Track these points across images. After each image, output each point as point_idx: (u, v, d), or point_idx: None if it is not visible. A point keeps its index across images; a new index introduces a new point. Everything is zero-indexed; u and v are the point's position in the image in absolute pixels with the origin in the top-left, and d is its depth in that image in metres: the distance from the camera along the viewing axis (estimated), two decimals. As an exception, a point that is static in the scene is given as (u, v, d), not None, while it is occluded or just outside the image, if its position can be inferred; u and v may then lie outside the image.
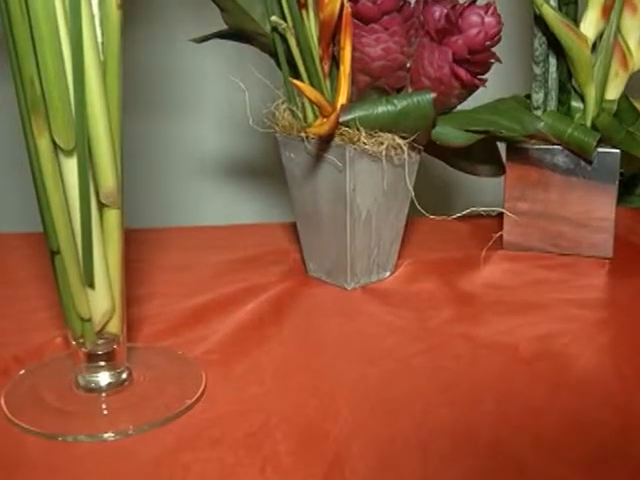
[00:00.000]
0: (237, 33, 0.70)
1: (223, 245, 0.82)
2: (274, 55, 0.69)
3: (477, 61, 0.66)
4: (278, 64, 0.69)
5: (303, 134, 0.66)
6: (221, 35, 0.71)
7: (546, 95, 0.79)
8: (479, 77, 0.68)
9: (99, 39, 0.48)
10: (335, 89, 0.65)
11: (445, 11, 0.67)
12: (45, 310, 0.66)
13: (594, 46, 0.78)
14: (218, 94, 1.07)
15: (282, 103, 0.70)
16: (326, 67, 0.66)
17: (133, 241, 0.54)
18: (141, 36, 1.02)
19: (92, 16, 0.48)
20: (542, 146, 0.77)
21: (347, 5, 0.61)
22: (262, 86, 0.72)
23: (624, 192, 0.89)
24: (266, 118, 0.71)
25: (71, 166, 0.49)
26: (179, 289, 0.71)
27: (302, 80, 0.67)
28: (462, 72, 0.66)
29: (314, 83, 0.66)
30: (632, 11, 0.79)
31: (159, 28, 1.03)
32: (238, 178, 1.15)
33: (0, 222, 1.10)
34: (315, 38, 0.65)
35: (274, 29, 0.66)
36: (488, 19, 0.66)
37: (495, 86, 0.73)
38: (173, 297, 0.69)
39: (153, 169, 1.11)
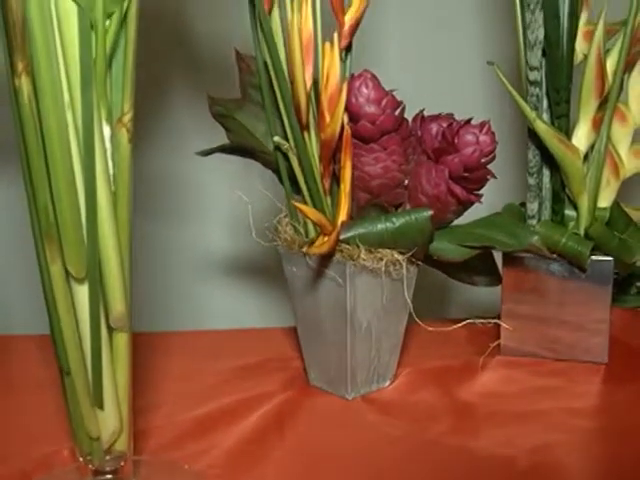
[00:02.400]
0: (241, 149, 0.72)
1: (226, 351, 0.84)
2: (277, 171, 0.71)
3: (473, 178, 0.69)
4: (280, 180, 0.71)
5: (305, 249, 0.69)
6: (225, 150, 0.74)
7: (540, 205, 0.81)
8: (475, 193, 0.70)
9: (110, 170, 0.51)
10: (336, 205, 0.67)
11: (442, 127, 0.70)
12: (52, 418, 0.67)
13: (586, 156, 0.80)
14: (224, 200, 1.09)
15: (284, 217, 0.72)
16: (327, 184, 0.68)
17: (138, 346, 0.56)
18: (149, 145, 1.05)
19: (104, 149, 0.50)
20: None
21: (347, 127, 0.64)
22: (266, 197, 0.74)
23: (619, 292, 0.91)
24: (269, 231, 0.73)
25: (82, 292, 0.51)
26: (183, 398, 0.73)
27: (304, 196, 0.69)
28: (458, 189, 0.69)
29: (315, 200, 0.68)
30: (622, 120, 0.82)
31: (166, 137, 1.06)
32: (242, 280, 1.16)
33: (8, 323, 1.11)
34: (316, 157, 0.67)
35: (277, 148, 0.69)
36: (483, 138, 0.68)
37: (491, 194, 0.75)
38: (178, 406, 0.71)
39: (157, 270, 1.13)
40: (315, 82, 0.66)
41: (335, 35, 0.64)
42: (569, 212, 0.82)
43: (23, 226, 0.52)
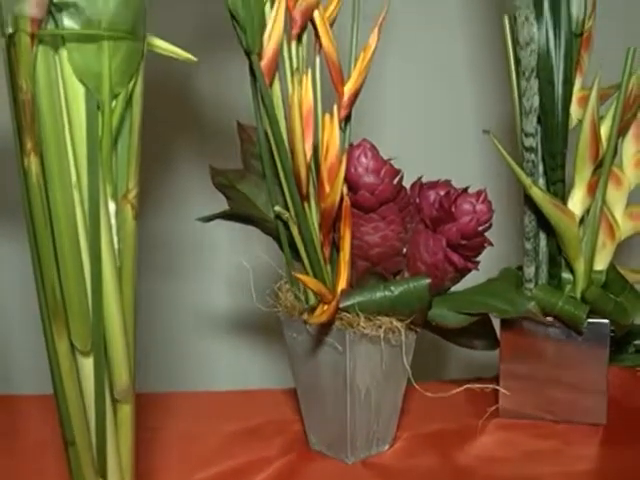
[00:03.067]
0: (242, 217, 0.73)
1: (227, 413, 0.84)
2: (277, 239, 0.72)
3: (470, 246, 0.70)
4: (281, 247, 0.72)
5: (305, 316, 0.70)
6: (227, 217, 0.75)
7: (537, 269, 0.82)
8: (472, 260, 0.72)
9: (116, 245, 0.52)
10: (335, 274, 0.68)
11: (440, 196, 0.71)
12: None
13: (582, 220, 0.81)
14: (226, 259, 1.10)
15: (285, 283, 0.73)
16: (327, 252, 0.69)
17: (139, 407, 0.57)
18: (152, 205, 1.06)
19: (110, 226, 0.51)
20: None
21: (346, 198, 0.65)
22: (267, 261, 0.76)
23: (616, 351, 0.92)
24: (269, 297, 0.74)
25: (88, 365, 0.52)
26: (184, 462, 0.73)
27: (304, 264, 0.70)
28: (456, 257, 0.70)
29: (315, 267, 0.69)
30: (617, 184, 0.83)
31: (170, 198, 1.07)
32: (243, 339, 1.17)
33: (9, 382, 1.12)
34: (316, 226, 0.68)
35: (277, 217, 0.70)
36: (479, 207, 0.70)
37: (488, 257, 0.76)
38: (180, 470, 0.71)
39: (158, 328, 1.13)
40: (315, 150, 0.67)
41: (335, 107, 0.66)
42: (566, 275, 0.83)
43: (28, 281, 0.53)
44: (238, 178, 0.71)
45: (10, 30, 0.48)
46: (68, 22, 0.48)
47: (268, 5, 0.64)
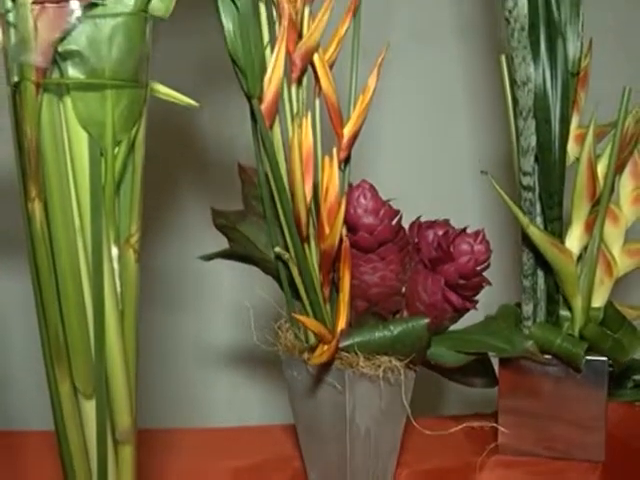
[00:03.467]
0: (243, 257, 0.74)
1: (227, 450, 0.85)
2: (277, 278, 0.73)
3: (468, 285, 0.71)
4: (281, 287, 0.73)
5: (305, 356, 0.70)
6: (227, 255, 0.76)
7: (535, 306, 0.83)
8: (470, 299, 0.72)
9: (118, 289, 0.53)
10: (335, 314, 0.69)
11: (438, 235, 0.72)
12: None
13: (579, 257, 0.82)
14: (228, 296, 1.11)
15: (285, 322, 0.74)
16: (326, 292, 0.70)
17: (141, 443, 0.57)
18: (156, 241, 1.07)
19: (112, 270, 0.52)
20: (532, 358, 0.81)
21: (345, 239, 0.66)
22: (268, 299, 0.76)
23: (615, 386, 0.92)
24: (270, 335, 0.75)
25: (90, 407, 0.52)
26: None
27: (303, 303, 0.71)
28: (454, 297, 0.71)
29: (315, 307, 0.70)
30: (614, 221, 0.84)
31: (173, 234, 1.08)
32: (243, 372, 1.17)
33: (14, 418, 1.12)
34: (316, 267, 0.69)
35: (277, 257, 0.71)
36: (477, 247, 0.70)
37: (487, 293, 0.77)
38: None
39: (156, 360, 1.14)
40: (315, 189, 0.68)
41: (334, 150, 0.67)
42: (564, 312, 0.84)
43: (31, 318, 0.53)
44: (239, 219, 0.72)
45: (16, 78, 0.49)
46: (72, 71, 0.49)
47: (268, 49, 0.65)
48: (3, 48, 0.50)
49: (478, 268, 0.70)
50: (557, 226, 0.82)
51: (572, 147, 0.83)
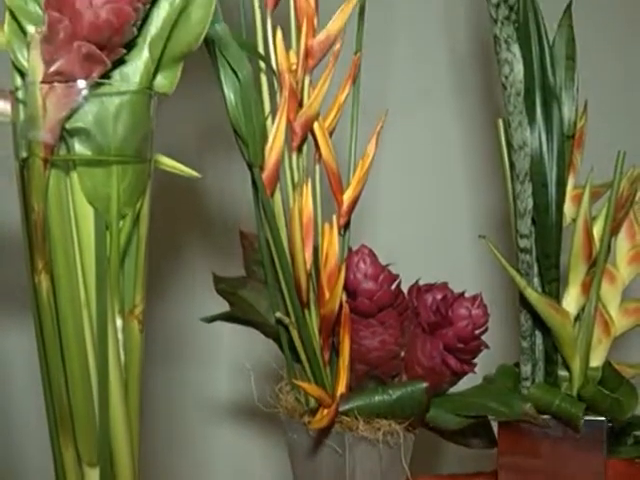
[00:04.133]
0: (244, 320, 0.75)
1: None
2: (278, 341, 0.74)
3: (467, 349, 0.72)
4: (282, 350, 0.74)
5: (305, 419, 0.71)
6: (228, 318, 0.77)
7: (534, 367, 0.84)
8: (469, 362, 0.73)
9: (122, 359, 0.54)
10: (335, 378, 0.70)
11: (437, 299, 0.73)
12: None
13: (577, 317, 0.83)
14: (229, 357, 1.12)
15: (286, 385, 0.75)
16: (326, 356, 0.71)
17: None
18: (159, 300, 1.08)
19: (117, 340, 0.53)
20: (531, 419, 0.82)
21: (345, 305, 0.67)
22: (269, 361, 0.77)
23: (615, 443, 0.92)
24: (270, 397, 0.76)
25: (93, 476, 0.53)
26: None
27: (303, 367, 0.72)
28: (453, 361, 0.72)
29: (315, 371, 0.71)
30: (611, 280, 0.85)
31: (176, 294, 1.09)
32: (244, 426, 1.18)
33: None
34: (316, 331, 0.70)
35: (278, 322, 0.72)
36: (475, 312, 0.71)
37: (486, 354, 0.77)
38: None
39: (160, 413, 1.14)
40: (315, 251, 0.69)
41: (334, 217, 0.68)
42: (562, 373, 0.84)
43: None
44: (240, 285, 0.73)
45: (24, 154, 0.50)
46: (79, 147, 0.50)
47: (269, 119, 0.67)
48: (12, 123, 0.52)
49: (476, 332, 0.71)
50: (554, 287, 0.83)
51: (569, 207, 0.84)
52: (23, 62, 0.52)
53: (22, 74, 0.53)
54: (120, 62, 0.51)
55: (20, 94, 0.51)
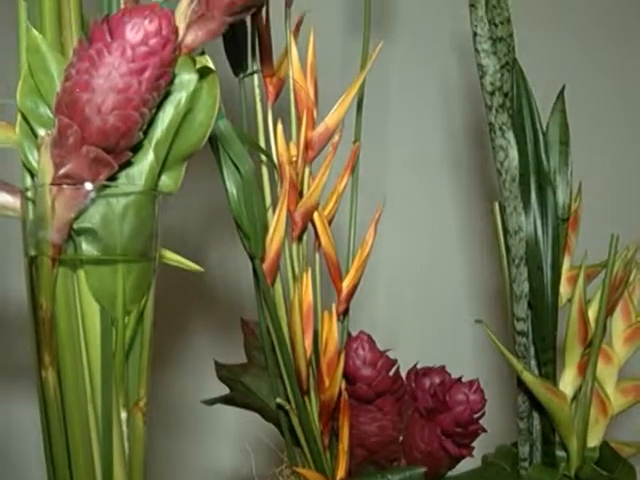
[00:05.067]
0: (244, 405, 0.76)
1: None
2: (278, 425, 0.75)
3: (464, 433, 0.73)
4: (282, 434, 0.75)
5: (305, 503, 0.72)
6: (229, 402, 0.78)
7: (531, 447, 0.85)
8: (467, 446, 0.74)
9: (126, 451, 0.55)
10: (334, 463, 0.71)
11: (434, 384, 0.74)
12: None
13: (574, 396, 0.84)
14: (230, 440, 1.13)
15: (286, 468, 0.76)
16: (326, 441, 0.72)
17: None
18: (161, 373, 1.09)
19: (121, 432, 0.54)
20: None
21: (344, 393, 0.69)
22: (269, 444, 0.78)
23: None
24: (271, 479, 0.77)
25: None
26: None
27: (303, 451, 0.73)
28: (450, 446, 0.73)
29: (314, 455, 0.72)
30: (607, 360, 0.86)
31: (179, 374, 1.10)
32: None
33: None
34: (316, 416, 0.71)
35: (279, 407, 0.73)
36: (473, 397, 0.73)
37: (485, 435, 0.78)
38: None
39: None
40: (315, 335, 0.70)
41: (333, 305, 0.69)
42: (560, 453, 0.85)
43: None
44: (241, 372, 0.74)
45: (33, 253, 0.52)
46: (86, 246, 0.52)
47: (270, 211, 0.69)
48: (22, 221, 0.53)
49: (474, 417, 0.72)
50: (551, 368, 0.84)
51: (564, 288, 0.85)
52: (33, 163, 0.54)
53: (32, 173, 0.55)
54: (126, 164, 0.52)
55: (30, 193, 0.53)
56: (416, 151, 1.14)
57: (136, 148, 0.53)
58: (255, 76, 0.71)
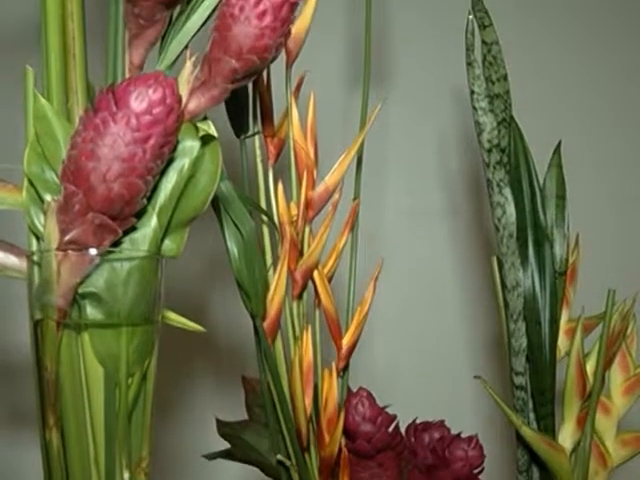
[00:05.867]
0: (245, 460, 0.77)
1: None
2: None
3: (465, 491, 0.74)
4: (283, 488, 0.76)
5: None
6: (230, 456, 0.79)
7: (531, 501, 0.85)
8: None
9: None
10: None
11: (434, 439, 0.75)
12: None
13: (574, 449, 0.84)
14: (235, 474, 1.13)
15: None
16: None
17: None
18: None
19: (123, 492, 0.55)
20: None
21: (344, 449, 0.69)
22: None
23: None
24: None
25: None
26: None
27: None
28: (450, 502, 0.74)
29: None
30: (605, 413, 0.86)
31: (181, 422, 1.11)
32: None
33: None
34: (316, 473, 0.72)
35: (279, 463, 0.73)
36: (472, 453, 0.73)
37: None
38: None
39: None
40: (315, 389, 0.71)
41: (333, 364, 0.70)
42: (560, 507, 0.85)
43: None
44: (242, 429, 0.75)
45: (38, 316, 0.53)
46: (90, 310, 0.53)
47: (271, 271, 0.70)
48: (27, 284, 0.55)
49: (473, 472, 0.73)
50: (549, 422, 0.85)
51: (562, 341, 0.86)
52: (39, 227, 0.55)
53: (37, 237, 0.56)
54: (130, 229, 0.54)
55: (36, 257, 0.54)
56: (414, 202, 1.15)
57: (140, 213, 0.54)
58: (256, 137, 0.73)
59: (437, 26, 1.15)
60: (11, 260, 0.59)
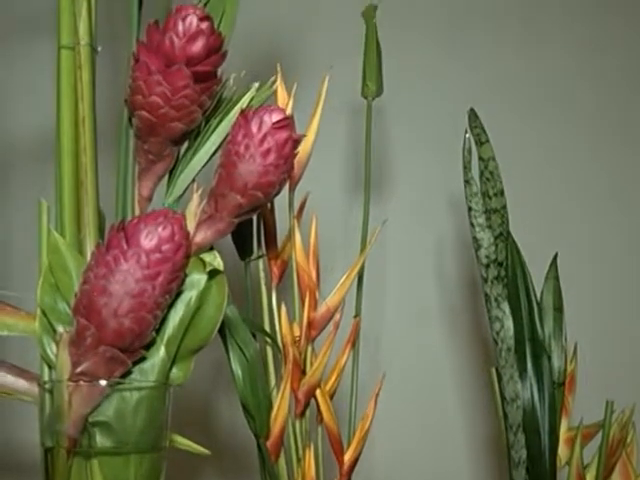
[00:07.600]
0: None
1: None
2: None
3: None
4: None
5: None
6: None
7: None
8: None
9: None
10: None
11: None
12: None
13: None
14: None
15: None
16: None
17: None
18: None
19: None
20: None
21: None
22: None
23: None
24: None
25: None
26: None
27: None
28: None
29: None
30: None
31: None
32: None
33: None
34: None
35: None
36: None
37: None
38: None
39: None
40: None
41: (335, 480, 0.72)
42: None
43: None
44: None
45: (49, 444, 0.55)
46: (100, 438, 0.55)
47: (275, 391, 0.72)
48: (39, 411, 0.57)
49: None
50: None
51: (562, 450, 0.87)
52: (51, 356, 0.57)
53: (49, 365, 0.58)
54: (139, 359, 0.56)
55: (47, 386, 0.56)
56: (412, 306, 1.17)
57: (149, 344, 0.56)
58: (260, 260, 0.75)
59: (432, 137, 1.18)
60: (21, 384, 0.61)
